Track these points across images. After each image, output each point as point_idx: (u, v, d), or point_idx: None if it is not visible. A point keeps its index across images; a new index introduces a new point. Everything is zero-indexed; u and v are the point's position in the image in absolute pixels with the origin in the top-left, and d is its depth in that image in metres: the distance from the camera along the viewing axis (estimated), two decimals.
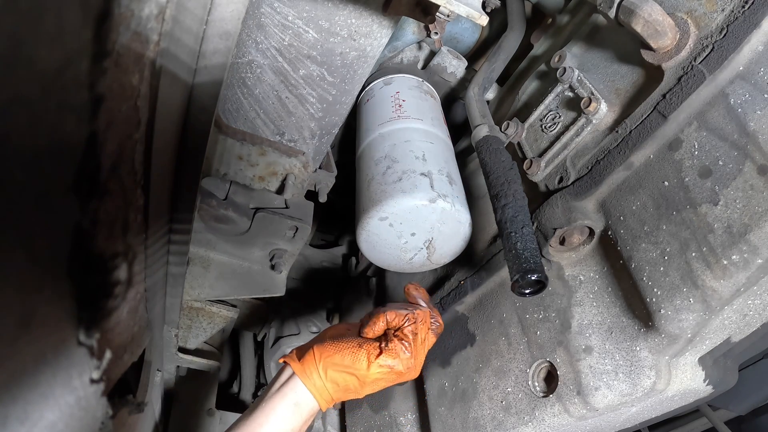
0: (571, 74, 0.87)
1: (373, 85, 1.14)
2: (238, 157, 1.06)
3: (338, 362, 0.73)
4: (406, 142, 0.93)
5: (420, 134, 0.96)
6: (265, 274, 1.26)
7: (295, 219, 1.15)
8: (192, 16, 0.48)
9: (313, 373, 0.73)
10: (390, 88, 1.11)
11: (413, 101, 1.06)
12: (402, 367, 0.74)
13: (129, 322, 0.76)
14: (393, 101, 1.06)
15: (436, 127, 1.01)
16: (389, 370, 0.73)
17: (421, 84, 1.14)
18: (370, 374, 0.73)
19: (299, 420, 0.73)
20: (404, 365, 0.74)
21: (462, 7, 0.69)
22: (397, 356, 0.74)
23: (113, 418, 0.75)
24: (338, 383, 0.74)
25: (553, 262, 0.84)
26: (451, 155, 0.98)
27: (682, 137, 0.69)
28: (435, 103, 1.12)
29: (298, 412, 0.73)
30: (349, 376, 0.73)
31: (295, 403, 0.73)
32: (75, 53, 0.37)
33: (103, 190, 0.51)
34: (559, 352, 0.79)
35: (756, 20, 0.62)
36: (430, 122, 1.01)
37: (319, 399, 0.74)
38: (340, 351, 0.74)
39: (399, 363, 0.74)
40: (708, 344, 0.71)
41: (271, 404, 0.73)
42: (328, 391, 0.74)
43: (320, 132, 1.08)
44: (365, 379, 0.74)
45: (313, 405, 0.74)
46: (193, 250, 1.14)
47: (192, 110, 0.60)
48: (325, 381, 0.73)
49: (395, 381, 0.77)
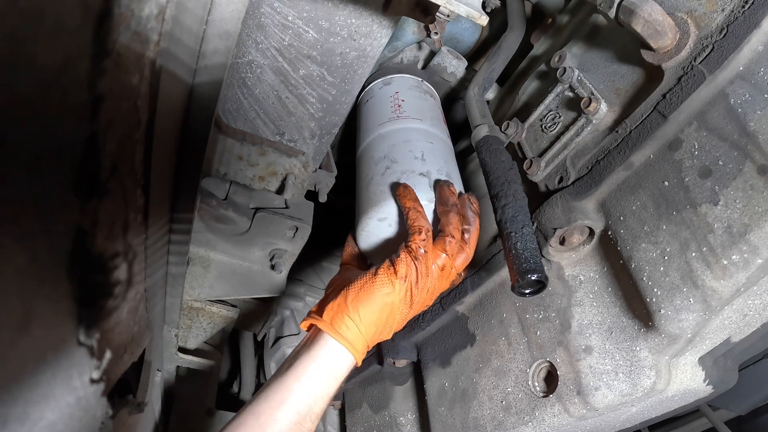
0: (571, 74, 0.87)
1: (373, 86, 1.14)
2: (238, 157, 1.06)
3: (368, 298, 0.69)
4: (405, 142, 0.93)
5: (419, 134, 0.96)
6: (265, 274, 1.26)
7: (295, 219, 1.15)
8: (192, 16, 0.48)
9: (343, 324, 0.68)
10: (389, 88, 1.11)
11: (413, 101, 1.06)
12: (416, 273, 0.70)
13: (129, 322, 0.76)
14: (392, 101, 1.05)
15: (436, 127, 1.01)
16: (407, 278, 0.70)
17: (420, 84, 1.14)
18: (397, 296, 0.70)
19: (336, 382, 0.69)
20: (419, 269, 0.71)
21: (462, 7, 0.69)
22: (408, 262, 0.70)
23: (113, 418, 0.75)
24: (375, 323, 0.69)
25: (553, 262, 0.84)
26: (451, 155, 0.98)
27: (682, 137, 0.69)
28: (435, 103, 1.12)
29: (333, 375, 0.69)
30: (385, 308, 0.69)
31: (328, 364, 0.68)
32: (75, 53, 0.37)
33: (103, 190, 0.51)
34: (559, 352, 0.79)
35: (756, 20, 0.62)
36: (430, 122, 1.01)
37: (354, 352, 0.69)
38: (364, 287, 0.70)
39: (413, 267, 0.70)
40: (708, 344, 0.71)
41: (301, 367, 0.68)
42: (364, 338, 0.69)
43: (320, 132, 1.08)
44: (395, 307, 0.70)
45: (348, 362, 0.70)
46: (193, 250, 1.14)
47: (192, 110, 0.60)
48: (360, 325, 0.68)
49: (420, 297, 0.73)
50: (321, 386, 0.68)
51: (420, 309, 0.77)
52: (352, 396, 1.31)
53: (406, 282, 0.70)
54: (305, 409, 0.66)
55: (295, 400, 0.66)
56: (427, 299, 0.76)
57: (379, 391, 1.22)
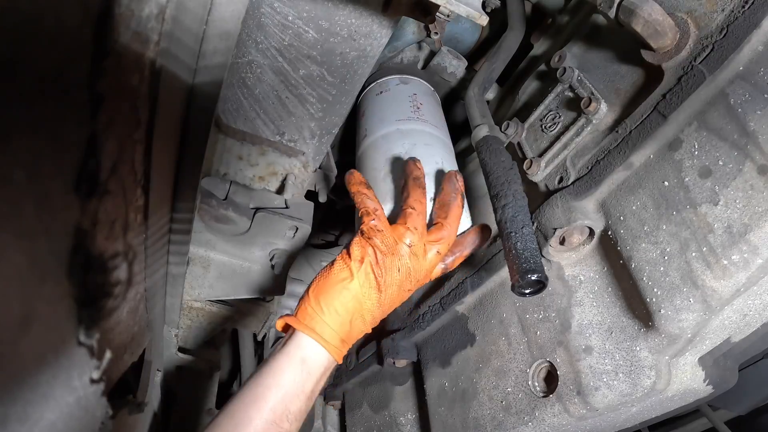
0: (571, 74, 0.87)
1: (388, 80, 1.13)
2: (238, 157, 1.06)
3: (326, 286, 0.67)
4: (426, 145, 0.93)
5: (438, 141, 0.97)
6: (265, 274, 1.26)
7: (295, 219, 1.15)
8: (192, 16, 0.48)
9: (307, 316, 0.67)
10: (407, 87, 1.11)
11: (429, 107, 1.06)
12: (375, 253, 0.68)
13: (129, 322, 0.76)
14: (411, 101, 1.05)
15: (448, 138, 1.02)
16: (364, 260, 0.68)
17: (433, 93, 1.16)
18: (356, 280, 0.67)
19: (311, 378, 0.67)
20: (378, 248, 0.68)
21: (462, 7, 0.69)
22: (362, 243, 0.68)
23: (113, 418, 0.75)
24: (338, 312, 0.67)
25: (553, 262, 0.84)
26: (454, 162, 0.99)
27: (682, 137, 0.69)
28: (441, 111, 1.13)
29: (306, 370, 0.66)
30: (345, 294, 0.67)
31: (301, 360, 0.66)
32: (75, 53, 0.37)
33: (103, 190, 0.51)
34: (559, 352, 0.79)
35: (756, 20, 0.62)
36: (443, 132, 1.02)
37: (325, 344, 0.67)
38: (323, 276, 0.69)
39: (367, 247, 0.68)
40: (708, 344, 0.71)
41: (277, 364, 0.66)
42: (331, 328, 0.67)
43: (320, 132, 1.08)
44: (357, 292, 0.67)
45: (323, 358, 0.68)
46: (193, 250, 1.14)
47: (192, 110, 0.60)
48: (325, 315, 0.66)
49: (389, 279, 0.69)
50: (295, 382, 0.65)
51: (399, 295, 0.72)
52: (352, 396, 1.31)
53: (363, 264, 0.68)
54: (281, 407, 0.64)
55: (270, 398, 0.63)
56: (405, 282, 0.71)
57: (379, 391, 1.22)
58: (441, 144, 0.97)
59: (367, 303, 0.69)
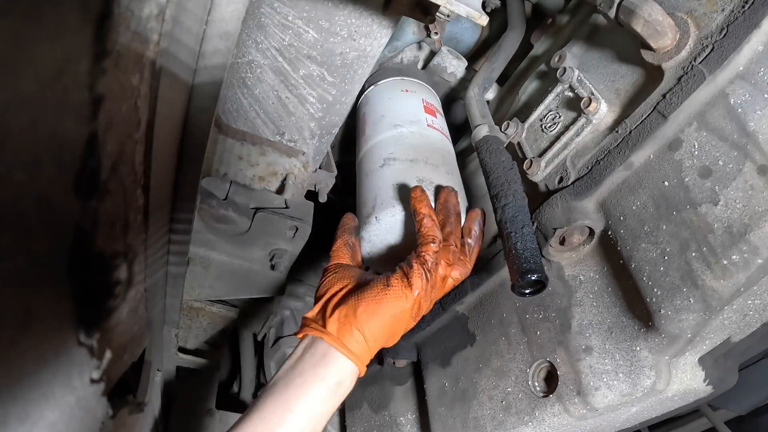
0: (571, 74, 0.87)
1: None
2: (238, 157, 1.06)
3: (381, 311, 0.65)
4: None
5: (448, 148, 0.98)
6: (265, 274, 1.26)
7: (295, 219, 1.15)
8: (192, 16, 0.48)
9: (352, 338, 0.64)
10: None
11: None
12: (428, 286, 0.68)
13: (129, 322, 0.76)
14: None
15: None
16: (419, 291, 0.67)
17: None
18: (408, 308, 0.67)
19: (338, 400, 0.64)
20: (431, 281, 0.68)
21: (462, 7, 0.69)
22: (421, 274, 0.67)
23: (113, 418, 0.75)
24: (383, 335, 0.66)
25: (553, 262, 0.84)
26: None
27: (682, 137, 0.69)
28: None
29: (339, 393, 0.64)
30: (400, 324, 0.67)
31: (336, 384, 0.63)
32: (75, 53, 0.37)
33: (103, 190, 0.51)
34: (559, 352, 0.79)
35: (756, 20, 0.62)
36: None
37: (360, 365, 0.65)
38: (375, 300, 0.66)
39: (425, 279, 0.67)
40: (708, 344, 0.71)
41: (308, 385, 0.62)
42: (371, 350, 0.66)
43: (320, 132, 1.08)
44: (407, 321, 0.68)
45: (355, 375, 0.66)
46: (193, 250, 1.14)
47: (192, 110, 0.60)
48: (369, 339, 0.64)
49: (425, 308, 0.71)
50: (325, 405, 0.63)
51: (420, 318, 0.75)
52: (352, 396, 1.30)
53: (417, 295, 0.68)
54: (308, 430, 0.61)
55: (297, 424, 0.60)
56: (428, 309, 0.74)
57: (379, 391, 1.22)
58: (449, 151, 0.97)
59: (404, 328, 0.71)
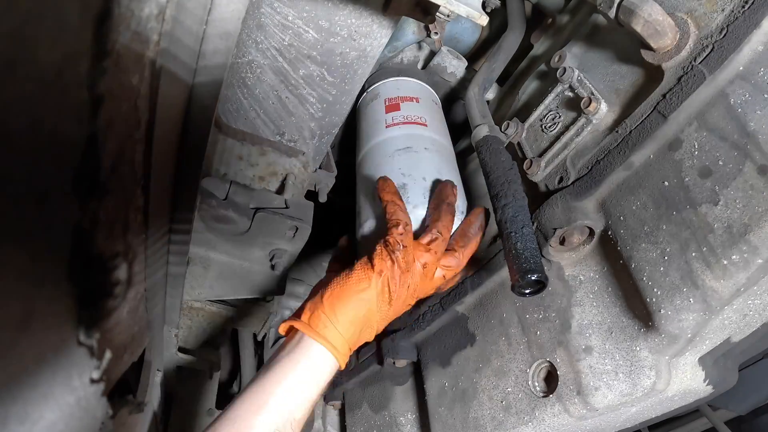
0: (571, 74, 0.87)
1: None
2: (238, 157, 1.06)
3: (344, 295, 0.66)
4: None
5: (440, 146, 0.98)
6: (265, 274, 1.26)
7: (295, 219, 1.15)
8: (192, 16, 0.48)
9: (320, 323, 0.66)
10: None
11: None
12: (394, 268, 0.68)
13: (129, 322, 0.76)
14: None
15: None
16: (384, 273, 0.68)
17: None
18: (373, 291, 0.67)
19: (317, 386, 0.66)
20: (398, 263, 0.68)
21: (462, 7, 0.69)
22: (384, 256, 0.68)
23: (113, 418, 0.75)
24: (352, 321, 0.66)
25: (553, 262, 0.84)
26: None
27: (682, 137, 0.69)
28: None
29: (314, 378, 0.65)
30: (362, 304, 0.67)
31: (309, 367, 0.65)
32: (75, 53, 0.37)
33: (103, 190, 0.51)
34: (559, 352, 0.79)
35: (756, 20, 0.62)
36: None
37: (335, 352, 0.66)
38: (339, 284, 0.67)
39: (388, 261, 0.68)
40: (708, 344, 0.71)
41: (283, 370, 0.64)
42: (343, 337, 0.66)
43: (320, 132, 1.08)
44: (372, 304, 0.68)
45: (331, 366, 0.67)
46: (193, 250, 1.14)
47: (192, 110, 0.60)
48: (338, 324, 0.66)
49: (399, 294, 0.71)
50: (302, 391, 0.64)
51: (401, 308, 0.74)
52: (352, 396, 1.31)
53: (382, 277, 0.68)
54: (285, 415, 0.62)
55: (275, 406, 0.62)
56: (408, 298, 0.73)
57: (379, 391, 1.22)
58: (442, 149, 0.97)
59: (377, 315, 0.70)
